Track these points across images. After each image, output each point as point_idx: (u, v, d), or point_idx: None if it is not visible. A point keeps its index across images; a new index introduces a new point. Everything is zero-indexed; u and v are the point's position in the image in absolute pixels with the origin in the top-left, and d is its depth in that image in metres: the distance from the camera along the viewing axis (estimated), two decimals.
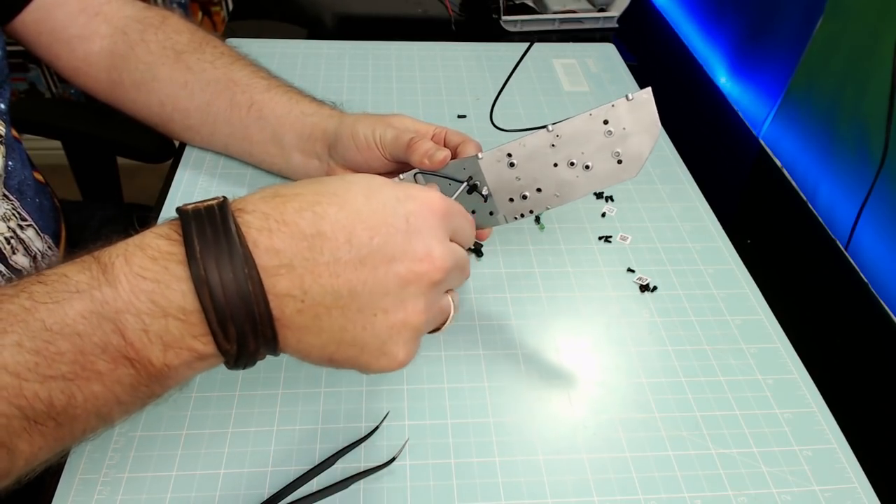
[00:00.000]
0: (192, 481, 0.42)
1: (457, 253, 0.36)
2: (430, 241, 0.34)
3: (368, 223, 0.33)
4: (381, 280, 0.33)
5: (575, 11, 0.94)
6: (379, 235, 0.33)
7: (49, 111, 1.00)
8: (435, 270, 0.34)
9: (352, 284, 0.32)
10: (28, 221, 0.57)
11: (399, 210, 0.34)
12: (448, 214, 0.36)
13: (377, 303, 0.33)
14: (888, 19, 0.62)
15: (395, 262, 0.33)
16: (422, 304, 0.34)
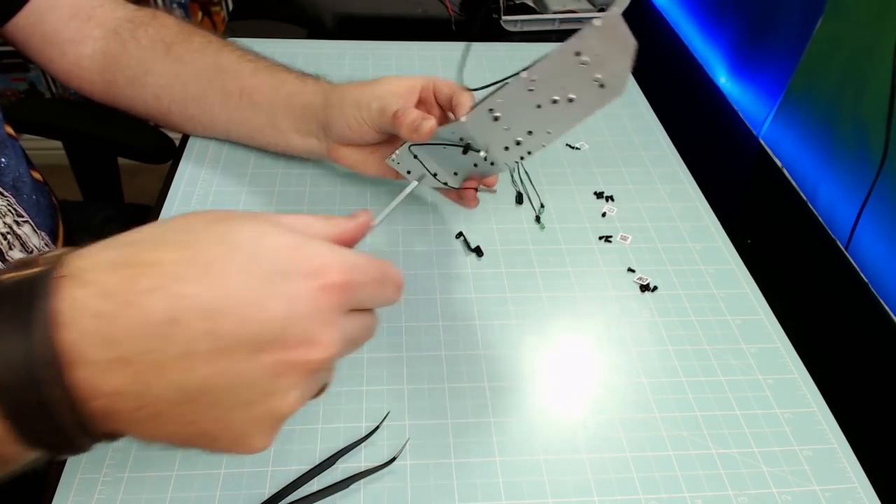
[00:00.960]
0: (192, 481, 0.42)
1: (352, 330, 0.31)
2: (314, 326, 0.28)
3: (239, 308, 0.27)
4: (244, 373, 0.27)
5: (575, 11, 0.94)
6: (250, 324, 0.27)
7: (49, 111, 1.00)
8: (316, 360, 0.28)
9: (206, 380, 0.27)
10: (24, 217, 0.57)
11: (282, 290, 0.27)
12: (348, 288, 0.29)
13: (236, 397, 0.28)
14: (888, 19, 0.62)
15: (264, 353, 0.27)
16: (295, 394, 0.29)
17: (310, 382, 0.30)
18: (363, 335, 0.32)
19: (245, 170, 0.65)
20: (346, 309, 0.30)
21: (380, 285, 0.32)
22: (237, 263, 0.27)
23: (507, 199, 0.65)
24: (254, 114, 0.61)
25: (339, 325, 0.29)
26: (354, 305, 0.31)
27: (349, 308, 0.30)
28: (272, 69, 0.62)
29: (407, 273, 0.56)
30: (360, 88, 0.55)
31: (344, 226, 0.34)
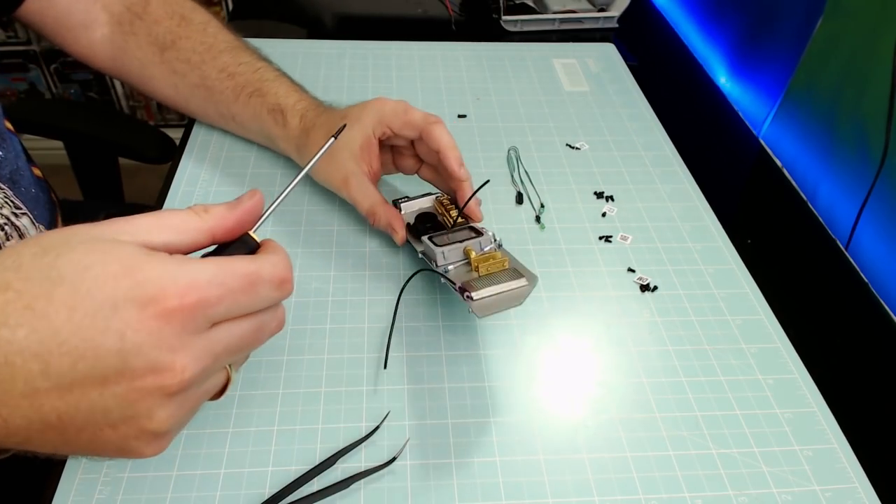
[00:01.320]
0: (192, 481, 0.42)
1: (222, 342, 0.29)
2: (158, 353, 0.27)
3: (69, 346, 0.26)
4: (96, 403, 0.27)
5: (575, 11, 0.94)
6: (83, 361, 0.26)
7: (49, 111, 1.00)
8: (172, 384, 0.27)
9: (60, 411, 0.27)
10: (23, 210, 0.57)
11: (112, 324, 0.26)
12: (193, 308, 0.28)
13: (98, 421, 0.28)
14: (888, 19, 0.62)
15: (111, 384, 0.27)
16: (163, 414, 0.28)
17: (179, 400, 0.29)
18: (245, 342, 0.31)
19: (245, 170, 0.65)
20: (204, 326, 0.29)
21: (246, 293, 0.30)
22: (61, 299, 0.26)
23: (507, 199, 0.65)
24: (247, 133, 0.67)
25: (192, 346, 0.28)
26: (216, 319, 0.29)
27: (209, 323, 0.29)
28: (251, 97, 0.63)
29: (407, 273, 0.56)
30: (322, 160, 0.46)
31: (221, 216, 0.32)
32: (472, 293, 0.45)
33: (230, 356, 0.31)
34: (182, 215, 0.31)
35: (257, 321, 0.31)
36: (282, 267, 0.31)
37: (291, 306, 0.53)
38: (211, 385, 0.31)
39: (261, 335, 0.32)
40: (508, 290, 0.46)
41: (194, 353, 0.28)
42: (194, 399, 0.30)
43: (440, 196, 0.58)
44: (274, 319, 0.33)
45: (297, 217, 0.61)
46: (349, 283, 0.55)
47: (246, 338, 0.31)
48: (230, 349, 0.30)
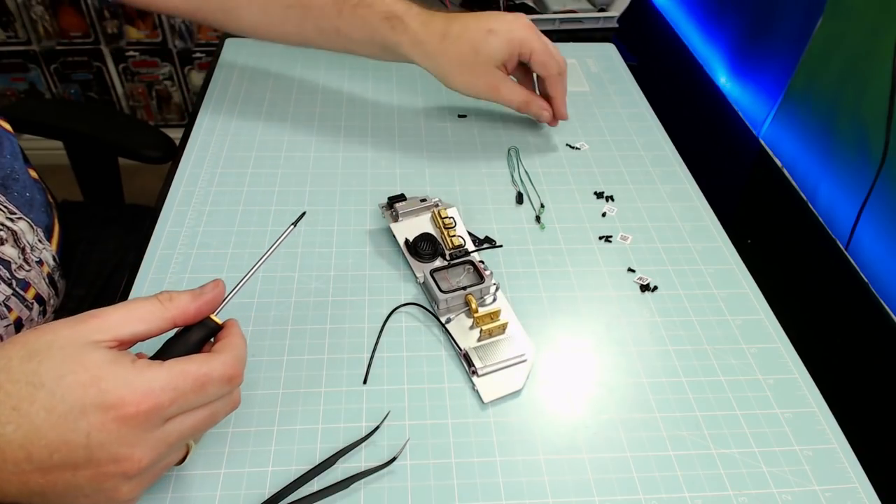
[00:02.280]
0: (192, 481, 0.42)
1: (177, 433, 0.35)
2: (118, 448, 0.33)
3: (47, 440, 0.32)
4: (70, 483, 0.33)
5: (575, 11, 0.94)
6: (58, 452, 0.32)
7: (49, 111, 1.00)
8: (131, 470, 0.33)
9: (42, 487, 0.33)
10: (18, 214, 0.58)
11: (81, 425, 0.32)
12: (149, 413, 0.33)
13: (75, 493, 0.33)
14: (888, 19, 0.62)
15: (81, 469, 0.33)
16: (128, 487, 0.34)
17: (138, 479, 0.34)
18: (198, 428, 0.36)
19: (245, 170, 0.65)
20: (158, 424, 0.34)
21: (196, 392, 0.35)
22: (41, 402, 0.32)
23: (507, 199, 0.65)
24: (353, 45, 0.67)
25: (148, 441, 0.33)
26: (170, 416, 0.34)
27: (163, 421, 0.34)
28: (356, 8, 0.63)
29: (407, 273, 0.56)
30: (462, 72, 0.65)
31: (184, 306, 0.38)
32: (478, 369, 0.49)
33: (185, 440, 0.36)
34: (148, 306, 0.37)
35: (209, 410, 0.36)
36: (231, 365, 0.36)
37: (291, 306, 0.53)
38: (170, 460, 0.37)
39: (214, 419, 0.37)
40: (509, 363, 0.50)
41: (150, 445, 0.34)
42: (154, 473, 0.36)
43: (438, 208, 0.58)
44: (227, 405, 0.38)
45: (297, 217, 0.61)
46: (349, 283, 0.55)
47: (198, 425, 0.36)
48: (184, 436, 0.35)
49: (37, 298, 0.57)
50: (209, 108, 0.74)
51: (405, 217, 0.58)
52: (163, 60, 1.67)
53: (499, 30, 0.63)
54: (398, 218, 0.58)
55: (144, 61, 1.67)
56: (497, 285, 0.54)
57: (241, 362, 0.38)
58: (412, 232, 0.57)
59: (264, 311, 0.52)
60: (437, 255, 0.55)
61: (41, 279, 0.58)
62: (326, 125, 0.72)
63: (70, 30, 1.60)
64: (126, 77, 1.70)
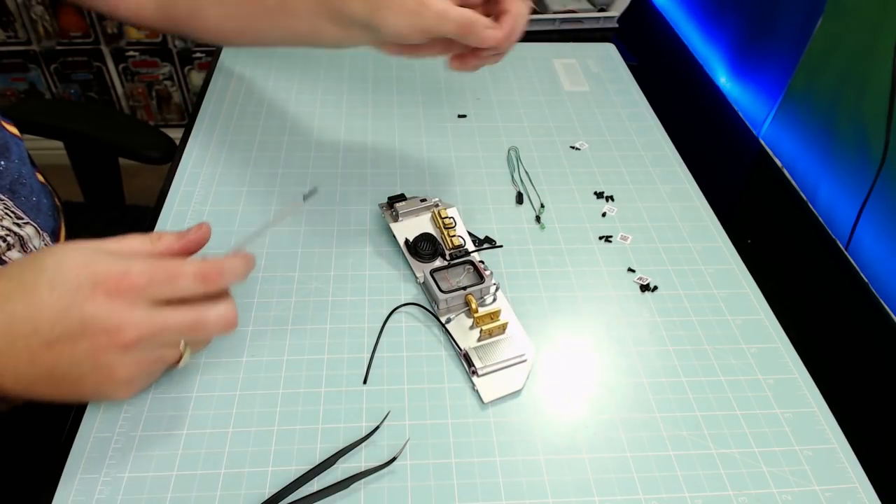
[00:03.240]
0: (192, 481, 0.42)
1: (167, 317, 0.39)
2: (108, 320, 0.37)
3: (49, 313, 0.37)
4: (73, 356, 0.38)
5: (575, 11, 0.94)
6: (59, 324, 0.37)
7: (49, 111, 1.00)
8: (126, 339, 0.38)
9: (49, 363, 0.38)
10: (25, 219, 0.57)
11: (76, 299, 0.37)
12: (131, 289, 0.38)
13: (76, 371, 0.38)
14: (888, 19, 0.62)
15: (79, 341, 0.37)
16: (123, 364, 0.39)
17: (133, 355, 0.39)
18: (185, 325, 0.40)
19: (245, 170, 0.65)
20: (142, 304, 0.38)
21: (167, 282, 0.39)
22: (44, 283, 0.38)
23: (507, 199, 0.65)
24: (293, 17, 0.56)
25: (133, 316, 0.38)
26: (151, 298, 0.39)
27: (147, 302, 0.38)
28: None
29: (407, 273, 0.56)
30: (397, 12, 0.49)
31: (169, 244, 0.43)
32: (478, 369, 0.49)
33: (172, 333, 0.40)
34: (139, 241, 0.42)
35: (196, 311, 0.40)
36: (208, 267, 0.40)
37: (292, 306, 0.53)
38: (164, 353, 0.41)
39: (202, 323, 0.40)
40: (509, 363, 0.50)
41: (135, 321, 0.38)
42: (148, 359, 0.40)
43: (438, 208, 0.58)
44: (218, 317, 0.41)
45: (297, 217, 0.61)
46: (349, 283, 0.55)
47: (186, 323, 0.40)
48: (169, 327, 0.39)
49: None
50: (209, 108, 0.74)
51: (405, 217, 0.58)
52: (163, 60, 1.67)
53: None
54: (398, 218, 0.58)
55: (144, 61, 1.67)
56: (497, 285, 0.54)
57: (219, 269, 0.41)
58: (412, 232, 0.57)
59: (264, 311, 0.52)
60: (437, 255, 0.55)
61: None
62: (326, 125, 0.72)
63: (70, 30, 1.60)
64: (126, 77, 1.70)
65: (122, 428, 0.44)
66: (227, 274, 0.41)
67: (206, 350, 0.49)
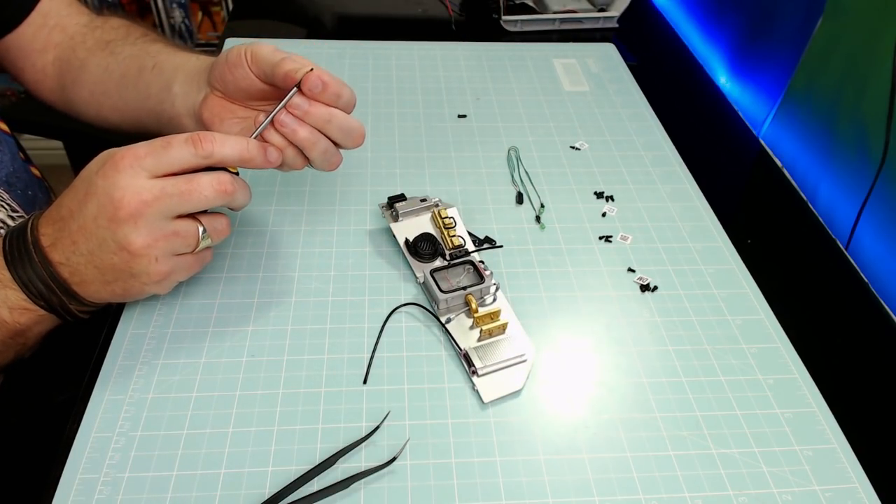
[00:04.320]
0: (192, 481, 0.42)
1: (157, 183, 0.43)
2: (113, 191, 0.42)
3: (75, 194, 0.44)
4: (95, 232, 0.43)
5: (575, 11, 0.94)
6: (80, 200, 0.44)
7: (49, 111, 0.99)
8: (126, 210, 0.42)
9: (85, 243, 0.44)
10: (20, 212, 0.57)
11: (92, 177, 0.44)
12: (134, 157, 0.43)
13: (106, 252, 0.43)
14: (888, 19, 0.62)
15: (96, 215, 0.43)
16: (137, 235, 0.42)
17: (145, 226, 0.42)
18: (179, 190, 0.43)
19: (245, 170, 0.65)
20: (142, 174, 0.43)
21: (165, 147, 0.43)
22: (82, 189, 0.44)
23: (508, 199, 0.65)
24: (156, 81, 0.59)
25: (133, 185, 0.42)
26: (156, 168, 0.43)
27: (146, 173, 0.43)
28: (198, 53, 0.60)
29: (407, 273, 0.56)
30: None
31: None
32: (478, 369, 0.49)
33: (172, 198, 0.43)
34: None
35: (189, 177, 0.44)
36: (196, 132, 0.44)
37: (292, 306, 0.53)
38: (177, 227, 0.44)
39: (195, 185, 0.43)
40: (509, 363, 0.50)
41: (134, 187, 0.42)
42: (163, 232, 0.43)
43: (438, 208, 0.58)
44: (207, 177, 0.44)
45: (297, 217, 0.61)
46: (349, 283, 0.55)
47: (180, 185, 0.43)
48: (167, 191, 0.43)
49: None
50: None
51: (405, 217, 0.58)
52: None
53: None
54: (398, 218, 0.58)
55: None
56: (497, 285, 0.54)
57: (210, 135, 0.44)
58: (412, 232, 0.57)
59: (264, 311, 0.52)
60: (437, 255, 0.55)
61: None
62: None
63: None
64: None
65: (123, 427, 0.44)
66: (218, 141, 0.44)
67: (207, 350, 0.49)
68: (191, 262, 0.47)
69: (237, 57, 0.51)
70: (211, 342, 0.50)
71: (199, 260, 0.48)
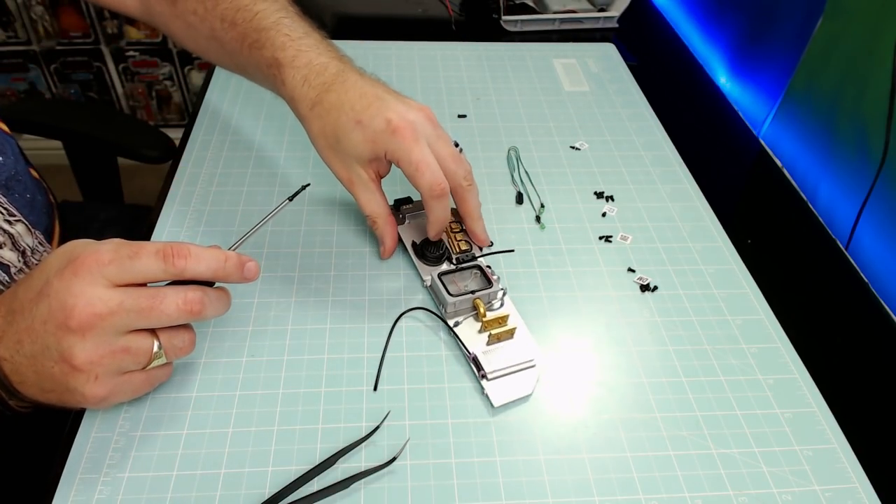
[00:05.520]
0: (192, 481, 0.42)
1: (115, 295, 0.38)
2: (66, 298, 0.38)
3: (30, 289, 0.39)
4: (42, 335, 0.38)
5: (575, 11, 0.94)
6: (34, 300, 0.39)
7: (49, 111, 1.00)
8: (76, 319, 0.37)
9: (28, 345, 0.39)
10: (17, 217, 0.57)
11: (50, 277, 0.39)
12: (96, 263, 0.38)
13: (47, 358, 0.38)
14: (888, 19, 0.62)
15: (45, 318, 0.38)
16: (82, 350, 0.38)
17: (92, 339, 0.38)
18: (141, 304, 0.39)
19: (245, 170, 0.65)
20: (101, 282, 0.38)
21: (130, 257, 0.39)
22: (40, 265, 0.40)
23: (507, 199, 0.65)
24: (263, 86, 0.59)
25: (90, 294, 0.38)
26: (119, 277, 0.39)
27: (107, 281, 0.38)
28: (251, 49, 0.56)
29: (407, 273, 0.56)
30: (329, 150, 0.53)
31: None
32: (487, 373, 0.48)
33: (129, 314, 0.38)
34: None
35: (154, 291, 0.39)
36: (171, 244, 0.40)
37: (292, 306, 0.53)
38: (129, 344, 0.39)
39: (157, 302, 0.39)
40: (519, 367, 0.49)
41: (89, 297, 0.38)
42: (111, 348, 0.39)
43: None
44: (173, 296, 0.40)
45: (297, 217, 0.61)
46: (349, 283, 0.55)
47: (140, 301, 0.39)
48: (124, 305, 0.38)
49: None
50: (209, 108, 0.74)
51: (411, 219, 0.58)
52: (163, 60, 1.67)
53: (367, 125, 0.50)
54: (404, 220, 0.58)
55: (144, 61, 1.67)
56: (504, 290, 0.54)
57: (183, 248, 0.40)
58: (417, 235, 0.57)
59: (264, 311, 0.52)
60: (444, 259, 0.55)
61: None
62: None
63: (70, 30, 1.60)
64: (126, 77, 1.70)
65: (122, 428, 0.44)
66: (192, 257, 0.40)
67: (206, 350, 0.49)
68: (138, 383, 0.42)
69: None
70: (211, 342, 0.50)
71: (149, 379, 0.42)
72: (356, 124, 0.50)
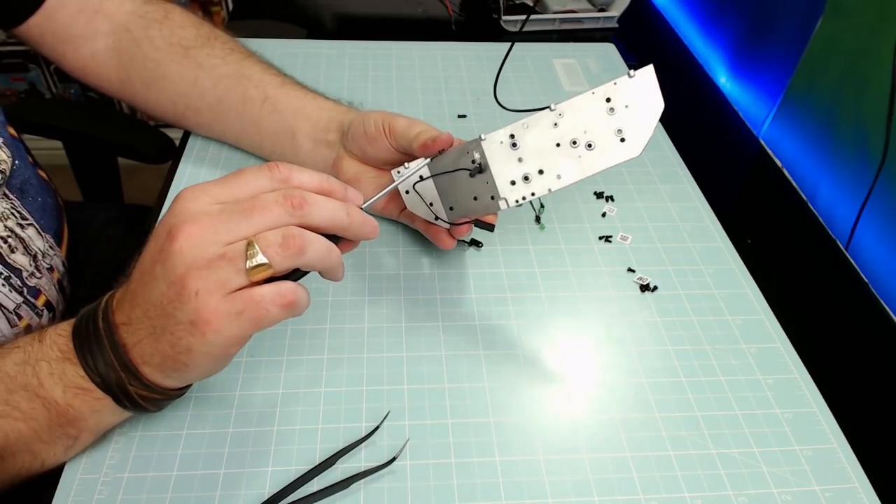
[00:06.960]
0: (192, 481, 0.42)
1: (222, 214, 0.37)
2: (175, 220, 0.37)
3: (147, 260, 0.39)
4: (151, 271, 0.37)
5: (575, 11, 0.94)
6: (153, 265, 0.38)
7: (49, 111, 1.00)
8: (184, 242, 0.36)
9: (153, 307, 0.37)
10: (29, 220, 0.57)
11: (161, 231, 0.38)
12: (214, 185, 0.38)
13: (165, 304, 0.37)
14: (888, 19, 0.62)
15: (158, 261, 0.37)
16: (192, 277, 0.36)
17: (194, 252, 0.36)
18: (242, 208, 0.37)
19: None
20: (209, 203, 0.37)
21: (236, 176, 0.39)
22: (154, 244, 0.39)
23: None
24: (272, 121, 0.61)
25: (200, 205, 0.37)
26: (219, 199, 0.38)
27: (214, 201, 0.38)
28: (300, 85, 0.62)
29: (407, 273, 0.56)
30: (389, 113, 0.55)
31: None
32: None
33: (234, 223, 0.36)
34: None
35: (251, 200, 0.37)
36: (271, 163, 0.39)
37: None
38: (224, 249, 0.36)
39: (259, 204, 0.37)
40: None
41: (193, 209, 0.37)
42: (217, 277, 0.36)
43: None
44: (275, 197, 0.37)
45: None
46: (349, 283, 0.55)
47: (243, 204, 0.37)
48: (226, 210, 0.37)
49: (47, 305, 0.57)
50: None
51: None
52: None
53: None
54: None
55: None
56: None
57: (287, 165, 0.39)
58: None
59: None
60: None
61: (52, 286, 0.58)
62: None
63: None
64: None
65: (122, 428, 0.44)
66: (295, 170, 0.39)
67: None
68: (246, 301, 0.37)
69: (376, 131, 0.54)
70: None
71: (255, 302, 0.37)
72: None
